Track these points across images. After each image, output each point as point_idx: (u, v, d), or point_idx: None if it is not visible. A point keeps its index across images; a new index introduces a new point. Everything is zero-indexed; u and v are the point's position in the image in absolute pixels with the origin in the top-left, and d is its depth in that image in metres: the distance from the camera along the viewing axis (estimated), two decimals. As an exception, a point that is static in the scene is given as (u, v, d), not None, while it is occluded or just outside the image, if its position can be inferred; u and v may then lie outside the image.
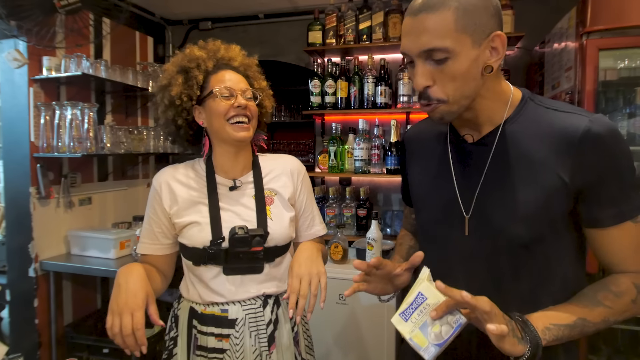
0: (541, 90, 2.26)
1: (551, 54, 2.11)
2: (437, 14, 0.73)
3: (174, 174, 1.15)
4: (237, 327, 1.08)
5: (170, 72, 1.11)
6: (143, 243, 1.14)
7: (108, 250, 2.19)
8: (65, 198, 2.28)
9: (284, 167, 1.20)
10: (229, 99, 1.07)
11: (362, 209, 2.46)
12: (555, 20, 2.03)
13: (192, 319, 1.11)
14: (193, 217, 1.09)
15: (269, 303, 1.12)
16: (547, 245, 0.81)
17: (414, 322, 0.73)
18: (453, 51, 0.73)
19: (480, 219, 0.84)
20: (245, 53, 1.19)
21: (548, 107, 0.82)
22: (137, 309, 0.89)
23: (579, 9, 1.76)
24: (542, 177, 0.78)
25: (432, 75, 0.76)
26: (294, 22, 2.78)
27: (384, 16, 2.36)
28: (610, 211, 0.77)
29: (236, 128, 1.07)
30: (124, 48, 2.68)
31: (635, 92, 1.89)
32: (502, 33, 0.76)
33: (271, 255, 1.11)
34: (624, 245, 0.79)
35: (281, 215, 1.14)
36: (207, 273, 1.09)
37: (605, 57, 1.82)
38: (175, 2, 2.71)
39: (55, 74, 2.11)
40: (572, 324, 0.74)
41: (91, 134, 2.14)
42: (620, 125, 1.87)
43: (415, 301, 0.74)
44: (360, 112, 2.48)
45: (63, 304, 2.29)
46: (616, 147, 0.76)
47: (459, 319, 0.71)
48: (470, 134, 0.87)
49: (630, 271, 0.79)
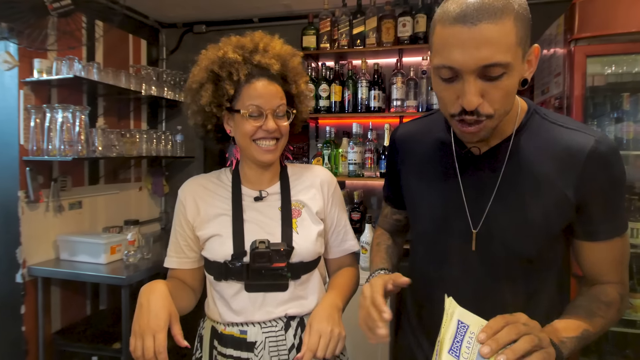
0: (531, 95, 2.31)
1: (540, 60, 2.15)
2: (500, 24, 0.65)
3: (199, 183, 1.10)
4: (256, 350, 1.00)
5: (200, 76, 1.02)
6: (170, 257, 1.10)
7: (98, 256, 2.16)
8: (55, 202, 2.24)
9: (314, 179, 1.12)
10: (257, 120, 0.99)
11: (356, 213, 2.47)
12: (545, 26, 2.08)
13: (213, 339, 1.05)
14: (215, 230, 1.03)
15: (292, 326, 1.03)
16: (546, 257, 0.82)
17: (466, 357, 0.65)
18: (511, 66, 0.67)
19: (488, 235, 0.82)
20: (289, 51, 1.07)
21: (553, 121, 0.81)
22: (159, 330, 0.85)
23: (567, 16, 1.80)
24: (549, 193, 0.78)
25: (482, 92, 0.69)
26: (289, 26, 2.79)
27: (378, 21, 2.39)
28: (605, 226, 0.80)
29: (261, 151, 1.01)
30: (117, 51, 2.67)
31: (622, 97, 1.94)
32: (537, 45, 0.74)
33: (296, 271, 1.03)
34: (610, 259, 0.82)
35: (308, 229, 1.06)
36: (229, 289, 1.02)
37: (593, 63, 1.87)
38: (169, 5, 2.71)
39: (46, 77, 2.09)
40: (580, 336, 0.74)
41: (82, 137, 2.12)
42: (607, 130, 1.92)
43: (459, 332, 0.66)
44: (354, 116, 2.50)
45: (51, 311, 2.24)
46: (617, 167, 0.77)
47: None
48: (477, 146, 0.83)
49: (613, 282, 0.82)
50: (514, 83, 0.70)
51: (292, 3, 2.64)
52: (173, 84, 2.82)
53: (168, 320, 0.87)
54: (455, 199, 0.85)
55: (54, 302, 2.27)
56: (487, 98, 0.70)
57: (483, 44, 0.65)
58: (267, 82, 1.01)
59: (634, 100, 1.93)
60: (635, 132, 1.87)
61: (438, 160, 0.90)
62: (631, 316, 1.83)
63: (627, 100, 1.93)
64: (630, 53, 1.84)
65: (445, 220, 0.86)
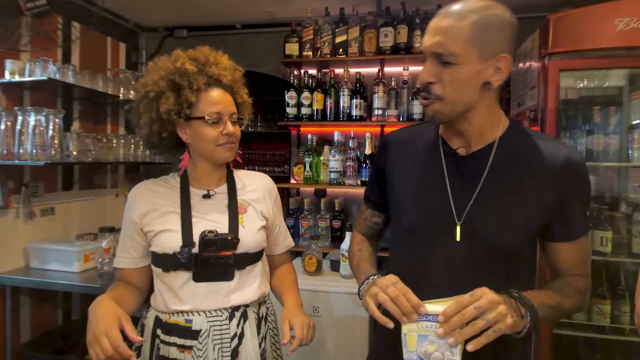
0: (508, 107, 2.37)
1: (517, 73, 2.22)
2: (457, 22, 0.81)
3: (147, 187, 1.17)
4: (200, 338, 1.07)
5: (159, 85, 1.08)
6: (118, 257, 1.17)
7: (71, 264, 2.09)
8: (26, 208, 2.16)
9: (260, 184, 1.25)
10: (218, 125, 1.09)
11: (337, 221, 2.47)
12: (521, 40, 2.15)
13: (156, 328, 1.11)
14: (165, 226, 1.10)
15: (236, 316, 1.11)
16: (523, 256, 0.92)
17: (419, 327, 0.79)
18: (459, 59, 0.81)
19: (471, 227, 0.89)
20: (232, 65, 1.20)
21: (531, 134, 0.93)
22: (109, 328, 0.91)
23: (541, 31, 1.87)
24: (527, 194, 0.88)
25: (436, 74, 0.84)
26: (271, 33, 2.79)
27: (360, 31, 2.42)
28: (578, 226, 0.92)
29: (223, 150, 1.11)
30: (95, 54, 2.61)
31: (593, 110, 2.02)
32: (508, 56, 0.83)
33: (242, 262, 1.12)
34: (581, 256, 0.94)
35: (253, 223, 1.16)
36: (177, 279, 1.09)
37: (566, 77, 1.94)
38: (150, 8, 2.66)
39: (19, 78, 2.02)
40: (554, 305, 0.86)
41: (56, 141, 2.05)
42: (579, 142, 1.99)
43: (434, 316, 0.78)
44: (335, 124, 2.51)
45: (20, 321, 2.15)
46: (586, 174, 0.91)
47: (449, 359, 0.77)
48: (463, 147, 0.93)
49: (581, 275, 0.95)
50: (462, 76, 0.82)
51: (275, 10, 2.64)
52: (152, 88, 2.76)
53: (117, 320, 0.93)
54: (441, 194, 0.92)
55: (23, 312, 2.18)
56: (440, 82, 0.83)
57: (438, 32, 0.82)
58: (222, 91, 1.12)
59: (604, 114, 2.01)
60: (605, 144, 1.95)
61: (427, 160, 0.97)
62: (601, 322, 1.89)
63: (598, 113, 2.01)
64: (601, 68, 1.92)
65: (431, 213, 0.93)
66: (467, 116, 0.88)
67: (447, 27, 0.81)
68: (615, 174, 2.13)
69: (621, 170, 2.10)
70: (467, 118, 0.88)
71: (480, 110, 0.88)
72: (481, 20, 0.80)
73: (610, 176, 2.12)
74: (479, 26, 0.80)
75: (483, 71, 0.82)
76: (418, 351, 0.78)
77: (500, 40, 0.82)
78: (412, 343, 0.78)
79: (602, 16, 1.75)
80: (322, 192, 2.70)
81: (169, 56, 1.14)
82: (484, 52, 0.81)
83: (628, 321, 1.85)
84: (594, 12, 1.77)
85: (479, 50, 0.80)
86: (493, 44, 0.81)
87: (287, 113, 2.50)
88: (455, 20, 0.81)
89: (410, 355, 0.79)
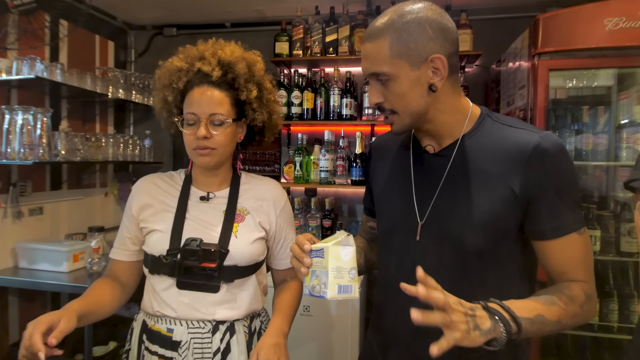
0: (498, 107, 2.37)
1: (506, 73, 2.22)
2: (374, 43, 0.82)
3: (152, 181, 1.13)
4: (180, 350, 1.01)
5: (156, 84, 1.09)
6: (115, 248, 1.14)
7: (60, 264, 2.08)
8: (14, 208, 2.15)
9: (266, 192, 1.15)
10: (192, 128, 1.02)
11: (327, 220, 2.47)
12: (510, 40, 2.15)
13: (142, 334, 1.07)
14: (158, 225, 1.06)
15: (220, 330, 1.04)
16: (501, 257, 0.84)
17: (314, 264, 0.82)
18: (391, 74, 0.82)
19: (433, 226, 0.87)
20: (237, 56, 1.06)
21: (503, 123, 0.87)
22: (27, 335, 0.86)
23: (531, 31, 1.87)
24: (495, 188, 0.82)
25: (382, 93, 0.85)
26: (261, 32, 2.78)
27: (350, 30, 2.41)
28: (552, 224, 0.81)
29: (197, 155, 1.04)
30: (83, 52, 2.59)
31: (582, 110, 2.02)
32: (440, 55, 0.80)
33: (229, 275, 1.04)
34: (571, 257, 0.82)
35: (248, 235, 1.07)
36: (161, 283, 1.05)
37: (555, 77, 1.94)
38: (139, 6, 2.64)
39: (5, 77, 2.00)
40: (533, 318, 0.74)
41: (44, 141, 2.03)
42: (568, 141, 1.99)
43: (321, 251, 0.81)
44: (326, 124, 2.51)
45: (9, 322, 2.14)
46: (563, 162, 0.81)
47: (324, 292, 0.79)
48: (431, 145, 0.91)
49: (578, 280, 0.82)
50: (402, 88, 0.82)
51: (265, 9, 2.63)
52: (142, 87, 2.75)
53: (37, 327, 0.86)
54: (407, 195, 0.91)
55: (11, 313, 2.17)
56: (387, 99, 0.85)
57: (365, 58, 0.85)
58: (206, 88, 1.02)
59: (593, 113, 2.01)
60: (594, 143, 1.95)
61: (398, 162, 0.97)
62: (591, 320, 1.91)
63: (587, 113, 2.01)
64: (590, 68, 1.92)
65: (400, 216, 0.92)
66: (428, 118, 0.86)
67: (370, 51, 0.83)
68: (604, 173, 2.14)
69: (609, 170, 2.11)
70: (429, 120, 0.87)
71: (439, 109, 0.86)
72: (396, 33, 0.80)
73: (598, 175, 2.13)
74: (395, 39, 0.80)
75: (421, 77, 0.81)
76: (309, 286, 0.81)
77: (424, 43, 0.80)
78: (307, 278, 0.82)
79: (591, 16, 1.75)
80: (313, 191, 2.69)
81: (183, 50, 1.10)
82: (412, 59, 0.80)
83: (616, 319, 1.86)
84: (583, 12, 1.77)
85: (407, 60, 0.80)
86: (418, 49, 0.80)
87: (278, 112, 2.49)
88: (373, 42, 0.82)
89: (305, 290, 0.83)
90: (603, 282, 1.93)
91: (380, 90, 0.85)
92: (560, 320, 0.78)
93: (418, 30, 0.80)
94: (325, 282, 0.78)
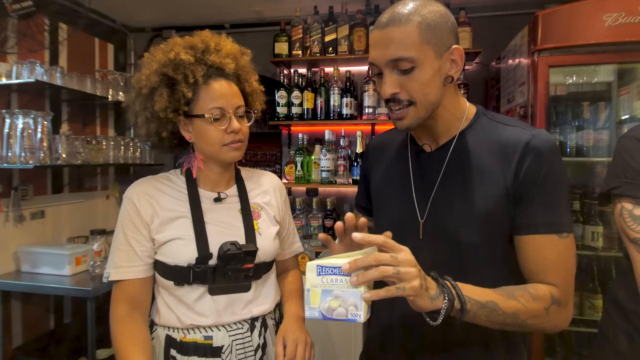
0: (498, 104, 2.37)
1: (506, 70, 2.22)
2: (402, 27, 0.79)
3: (150, 185, 1.03)
4: (223, 355, 0.98)
5: (151, 80, 0.97)
6: (121, 268, 0.98)
7: (62, 267, 2.08)
8: (15, 212, 2.15)
9: (269, 185, 1.15)
10: (220, 123, 0.97)
11: (329, 220, 2.47)
12: (510, 37, 2.14)
13: (169, 349, 0.99)
14: (175, 233, 0.98)
15: (257, 326, 1.04)
16: (496, 252, 0.85)
17: (323, 282, 0.72)
18: (418, 60, 0.79)
19: (433, 223, 0.87)
20: (238, 49, 1.07)
21: (498, 121, 0.89)
22: None
23: (530, 28, 1.86)
24: (489, 185, 0.83)
25: (399, 84, 0.82)
26: (260, 32, 2.78)
27: (349, 29, 2.41)
28: (542, 219, 0.80)
29: (228, 150, 0.99)
30: (83, 55, 2.59)
31: (582, 106, 2.02)
32: (459, 47, 0.83)
33: (258, 271, 1.04)
34: (546, 257, 0.81)
35: (268, 229, 1.08)
36: (191, 294, 0.98)
37: (555, 73, 1.94)
38: (138, 9, 2.64)
39: (5, 81, 2.00)
40: (483, 303, 0.75)
41: (45, 144, 2.03)
42: (569, 137, 1.99)
43: (339, 269, 0.71)
44: (326, 123, 2.51)
45: (12, 325, 2.14)
46: (553, 162, 0.81)
47: (357, 315, 0.70)
48: (428, 144, 0.92)
49: (549, 283, 0.81)
50: (426, 76, 0.81)
51: (264, 9, 2.63)
52: (142, 89, 2.75)
53: None
54: (407, 194, 0.91)
55: (14, 316, 2.17)
56: (405, 88, 0.82)
57: (389, 43, 0.80)
58: (224, 82, 1.00)
59: (594, 109, 2.01)
60: (595, 139, 1.95)
61: (396, 161, 0.97)
62: (593, 316, 1.90)
63: (587, 109, 2.01)
64: (590, 64, 1.92)
65: (400, 216, 0.92)
66: (433, 114, 0.86)
67: (395, 35, 0.79)
68: (605, 169, 2.14)
69: (611, 166, 2.10)
70: (433, 116, 0.86)
71: (445, 106, 0.87)
72: (424, 19, 0.80)
73: (600, 171, 2.12)
74: (425, 25, 0.79)
75: (442, 67, 0.82)
76: (321, 307, 0.71)
77: (447, 33, 0.81)
78: (315, 299, 0.72)
79: (590, 12, 1.75)
80: (314, 191, 2.69)
81: (165, 45, 1.01)
82: (437, 48, 0.81)
83: (619, 315, 1.86)
84: (582, 7, 1.77)
85: (433, 47, 0.80)
86: (442, 38, 0.81)
87: (278, 112, 2.49)
88: (399, 26, 0.79)
89: (312, 313, 0.72)
90: (606, 279, 1.93)
91: (397, 80, 0.82)
92: (516, 314, 0.76)
93: (442, 20, 0.81)
94: (357, 305, 0.69)
